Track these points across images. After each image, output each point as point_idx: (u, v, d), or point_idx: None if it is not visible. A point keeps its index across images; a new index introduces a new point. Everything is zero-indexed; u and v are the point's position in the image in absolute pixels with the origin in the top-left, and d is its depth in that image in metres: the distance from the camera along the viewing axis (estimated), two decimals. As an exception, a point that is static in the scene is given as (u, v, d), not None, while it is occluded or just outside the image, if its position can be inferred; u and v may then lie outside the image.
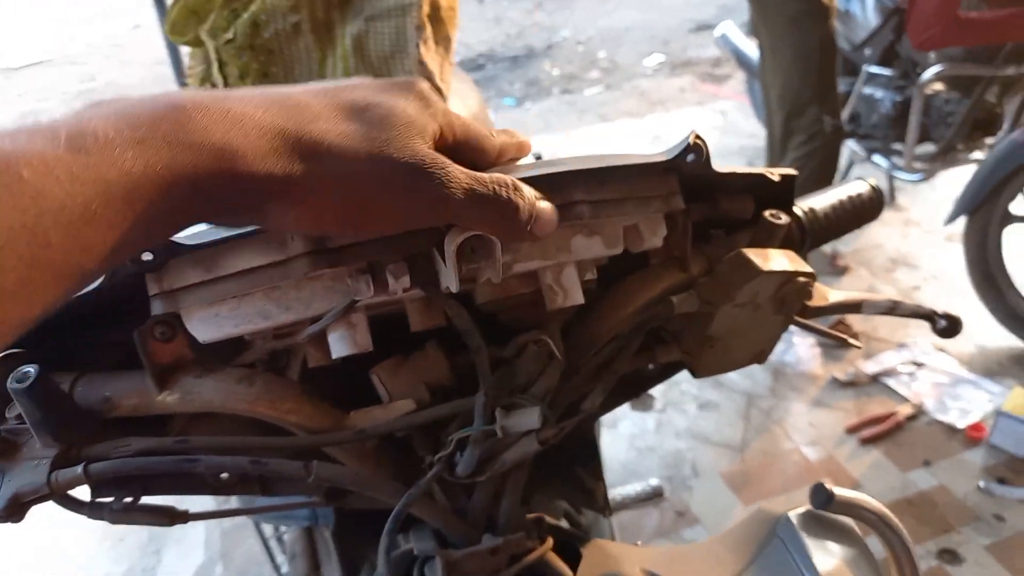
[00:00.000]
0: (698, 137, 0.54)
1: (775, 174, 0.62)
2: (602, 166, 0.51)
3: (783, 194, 0.65)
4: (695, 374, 0.64)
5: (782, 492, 2.25)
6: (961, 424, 2.38)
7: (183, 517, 0.60)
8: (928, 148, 3.08)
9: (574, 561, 0.63)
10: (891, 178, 3.37)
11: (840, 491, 0.59)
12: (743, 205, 0.64)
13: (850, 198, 0.73)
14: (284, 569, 1.58)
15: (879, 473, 2.27)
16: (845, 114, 3.13)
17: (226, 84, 1.04)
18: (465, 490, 0.60)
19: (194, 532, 2.28)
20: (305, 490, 0.62)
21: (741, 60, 3.77)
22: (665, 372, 0.69)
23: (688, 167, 0.54)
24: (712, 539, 0.64)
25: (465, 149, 0.47)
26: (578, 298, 0.54)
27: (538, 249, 0.52)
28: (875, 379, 2.61)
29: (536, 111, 5.04)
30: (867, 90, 3.17)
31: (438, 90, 1.08)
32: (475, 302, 0.56)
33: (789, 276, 0.59)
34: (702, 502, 2.24)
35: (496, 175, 0.45)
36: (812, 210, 0.70)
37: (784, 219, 0.62)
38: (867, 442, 2.38)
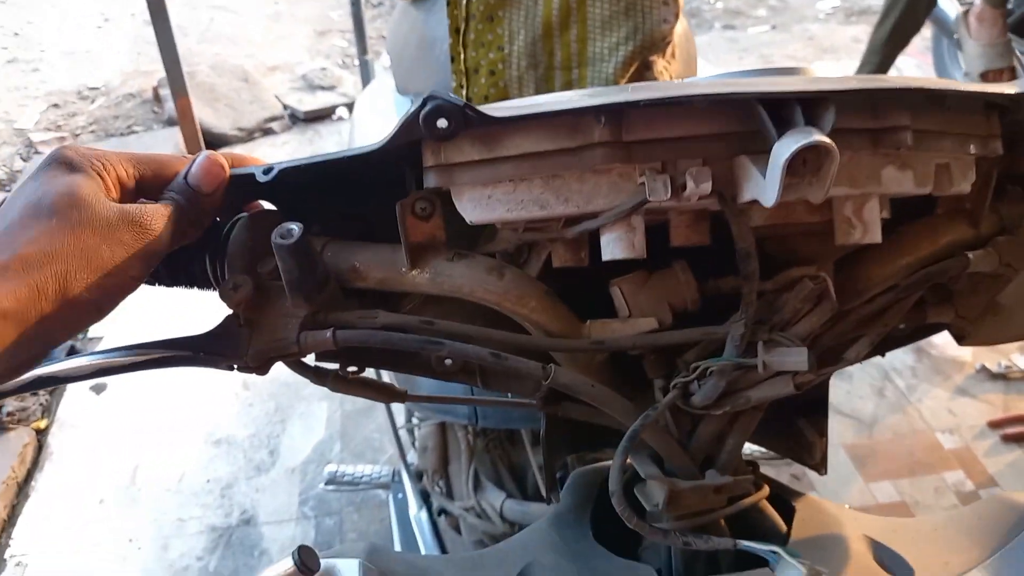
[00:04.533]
0: None
1: None
2: (939, 88, 0.45)
3: None
4: (961, 341, 0.58)
5: (908, 476, 2.14)
6: (1121, 440, 2.19)
7: (402, 397, 0.59)
8: None
9: (783, 514, 0.60)
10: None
11: None
12: None
13: None
14: (410, 458, 1.63)
15: (1018, 474, 2.13)
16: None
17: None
18: (691, 421, 0.57)
19: (318, 409, 2.39)
20: (525, 391, 0.60)
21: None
22: (917, 334, 0.63)
23: None
24: (938, 518, 0.59)
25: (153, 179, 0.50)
26: (876, 236, 0.48)
27: (846, 175, 0.46)
28: (1030, 376, 2.42)
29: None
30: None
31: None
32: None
33: (1110, 251, 0.51)
34: (821, 471, 2.16)
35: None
36: None
37: None
38: (1010, 440, 2.22)
